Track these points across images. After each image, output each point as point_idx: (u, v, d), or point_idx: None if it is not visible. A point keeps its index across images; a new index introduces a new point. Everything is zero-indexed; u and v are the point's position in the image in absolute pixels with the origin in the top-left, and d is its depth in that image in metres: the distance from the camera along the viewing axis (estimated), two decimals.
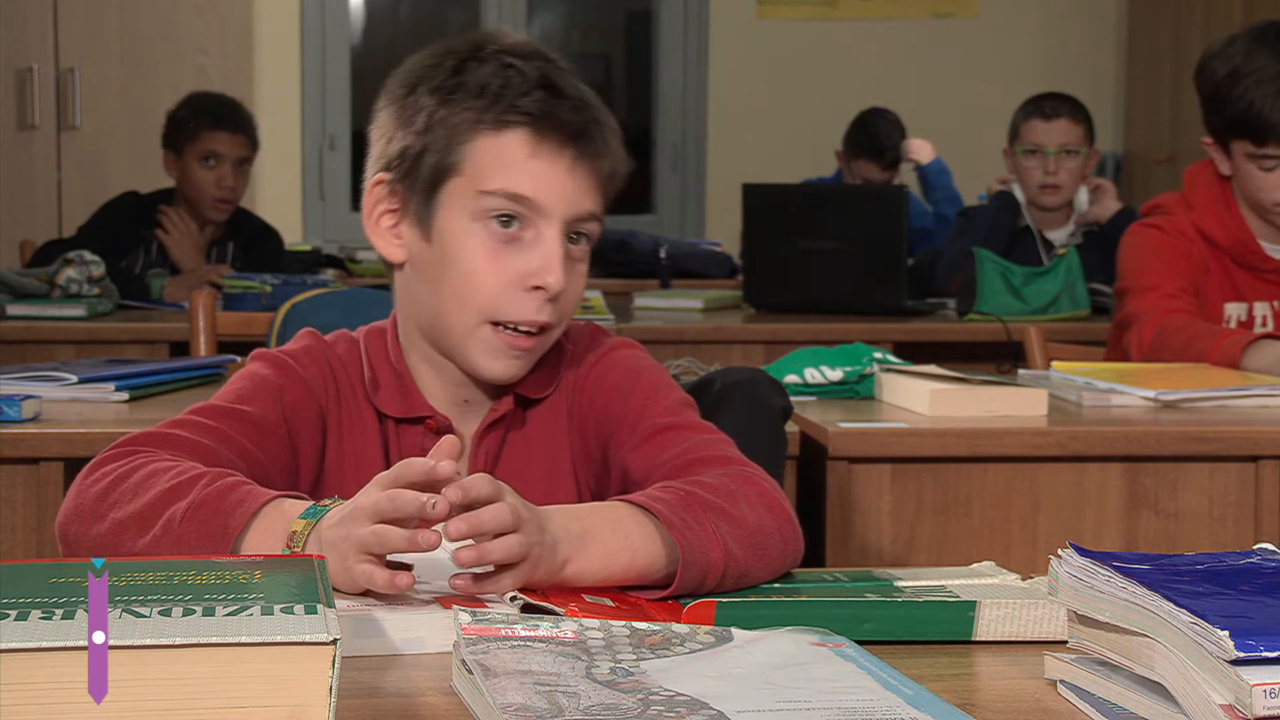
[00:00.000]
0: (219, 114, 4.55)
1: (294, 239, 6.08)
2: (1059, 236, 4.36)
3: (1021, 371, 2.89)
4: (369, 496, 1.33)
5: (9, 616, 0.96)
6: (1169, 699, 1.04)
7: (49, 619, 0.96)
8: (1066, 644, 1.17)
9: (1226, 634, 0.98)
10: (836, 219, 4.16)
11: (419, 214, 1.61)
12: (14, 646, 0.92)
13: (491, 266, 1.58)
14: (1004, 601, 1.33)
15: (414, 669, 1.22)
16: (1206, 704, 0.99)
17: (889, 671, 1.12)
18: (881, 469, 2.34)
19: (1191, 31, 6.34)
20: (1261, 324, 2.97)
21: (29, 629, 0.94)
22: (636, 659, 1.12)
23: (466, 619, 1.16)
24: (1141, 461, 2.37)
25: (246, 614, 0.99)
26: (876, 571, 1.49)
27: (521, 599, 1.32)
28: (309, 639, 0.95)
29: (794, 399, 2.29)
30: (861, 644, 1.20)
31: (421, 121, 1.59)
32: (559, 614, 1.28)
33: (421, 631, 1.26)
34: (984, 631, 1.33)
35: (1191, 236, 2.98)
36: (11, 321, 3.73)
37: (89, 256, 3.98)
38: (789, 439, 2.05)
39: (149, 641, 0.93)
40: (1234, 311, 2.98)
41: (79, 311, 3.80)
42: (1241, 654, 0.97)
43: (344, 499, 1.39)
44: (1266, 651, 0.97)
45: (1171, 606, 1.03)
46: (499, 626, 1.15)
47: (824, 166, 6.19)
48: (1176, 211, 3.02)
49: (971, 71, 7.01)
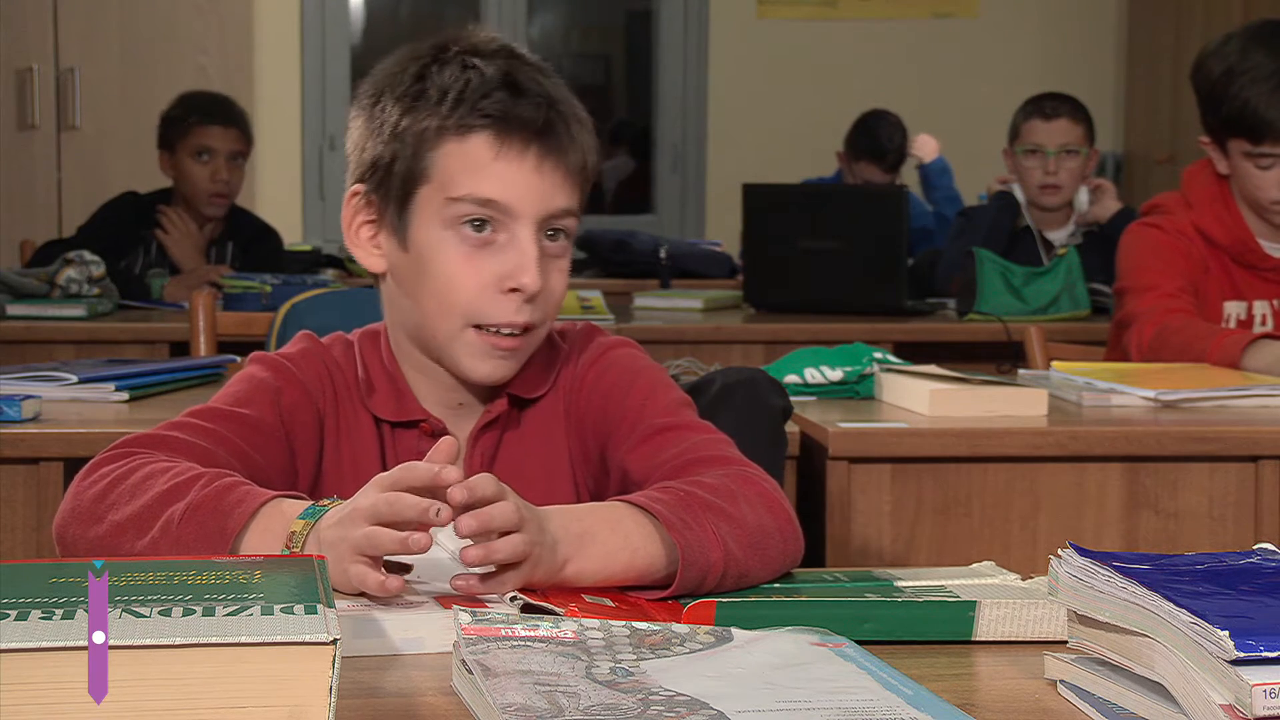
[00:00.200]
0: (210, 109, 4.56)
1: (294, 239, 6.07)
2: (1059, 236, 4.36)
3: (1021, 371, 2.89)
4: (367, 498, 1.33)
5: (9, 616, 0.96)
6: (1169, 699, 1.04)
7: (49, 619, 0.96)
8: (1066, 644, 1.17)
9: (1226, 634, 0.98)
10: (836, 219, 4.15)
11: (394, 224, 1.61)
12: (14, 646, 0.92)
13: (467, 271, 1.58)
14: (1004, 601, 1.33)
15: (414, 669, 1.22)
16: (1206, 704, 0.99)
17: (889, 671, 1.12)
18: (881, 469, 2.34)
19: (1191, 31, 6.34)
20: (1261, 323, 2.97)
21: (29, 629, 0.94)
22: (636, 659, 1.12)
23: (466, 619, 1.16)
24: (1141, 461, 2.37)
25: (246, 614, 0.99)
26: (876, 571, 1.49)
27: (521, 599, 1.32)
28: (309, 639, 0.95)
29: (794, 399, 2.29)
30: (861, 644, 1.20)
31: (389, 131, 1.59)
32: (559, 614, 1.28)
33: (421, 631, 1.26)
34: (984, 631, 1.33)
35: (1191, 236, 2.98)
36: (11, 321, 3.73)
37: (89, 256, 3.97)
38: (789, 439, 2.05)
39: (149, 641, 0.93)
40: (1233, 310, 2.98)
41: (79, 311, 3.80)
42: (1241, 654, 0.97)
43: (343, 499, 1.39)
44: (1266, 651, 0.97)
45: (1171, 606, 1.03)
46: (499, 626, 1.15)
47: (824, 166, 6.19)
48: (1176, 211, 3.02)
49: (971, 71, 7.01)
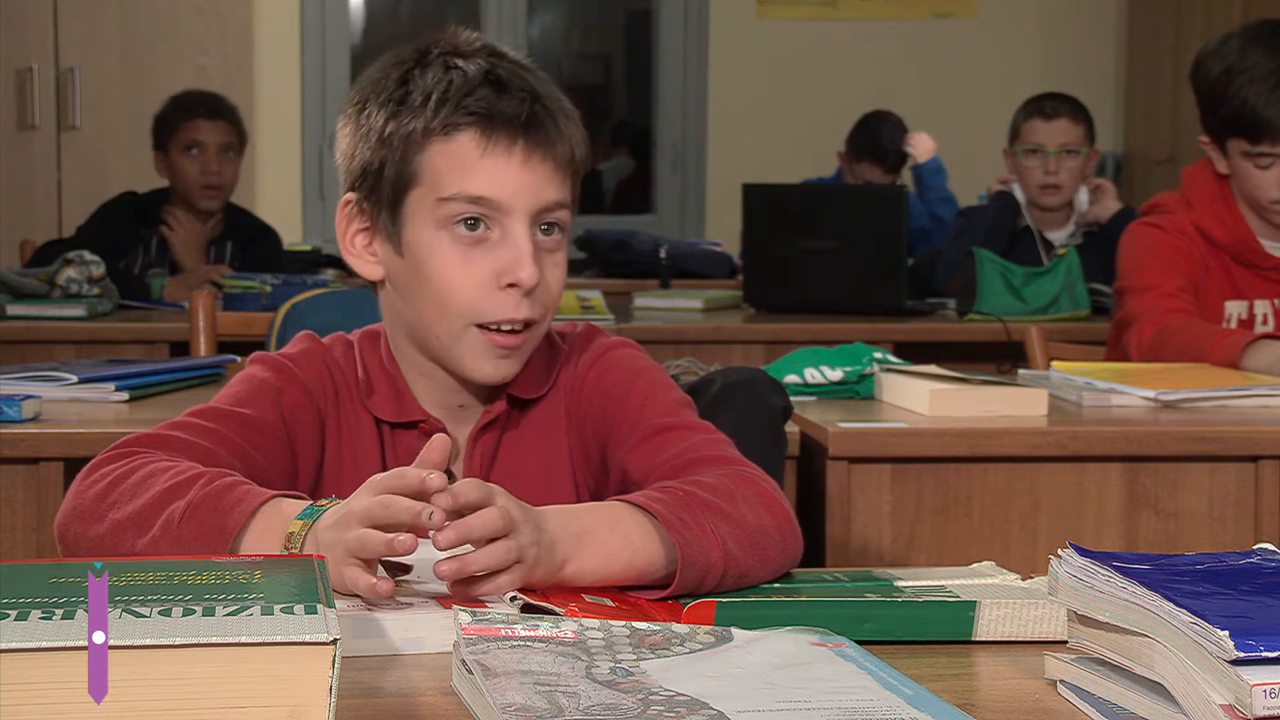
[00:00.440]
0: (196, 104, 4.60)
1: (294, 239, 6.07)
2: (1059, 236, 4.36)
3: (1021, 371, 2.89)
4: (361, 501, 1.33)
5: (9, 616, 0.96)
6: (1169, 699, 1.04)
7: (49, 619, 0.96)
8: (1066, 644, 1.17)
9: (1226, 634, 0.98)
10: (836, 219, 4.15)
11: (388, 229, 1.61)
12: (14, 646, 0.92)
13: (463, 271, 1.58)
14: (1004, 601, 1.33)
15: (414, 669, 1.22)
16: (1206, 704, 0.99)
17: (889, 671, 1.12)
18: (881, 469, 2.34)
19: (1191, 31, 6.34)
20: (1262, 322, 2.97)
21: (29, 629, 0.94)
22: (636, 659, 1.12)
23: (466, 619, 1.16)
24: (1141, 461, 2.37)
25: (246, 614, 0.99)
26: (876, 571, 1.49)
27: (521, 599, 1.32)
28: (309, 639, 0.95)
29: (794, 399, 2.29)
30: (861, 644, 1.20)
31: (376, 137, 1.59)
32: (559, 614, 1.28)
33: (421, 631, 1.26)
34: (984, 631, 1.33)
35: (1191, 235, 2.98)
36: (11, 321, 3.73)
37: (89, 256, 3.98)
38: (789, 439, 2.05)
39: (149, 641, 0.93)
40: (1234, 309, 2.98)
41: (79, 311, 3.80)
42: (1241, 654, 0.97)
43: (342, 499, 1.38)
44: (1266, 651, 0.97)
45: (1171, 606, 1.03)
46: (499, 626, 1.15)
47: (824, 166, 6.19)
48: (1176, 210, 3.02)
49: (971, 71, 7.01)
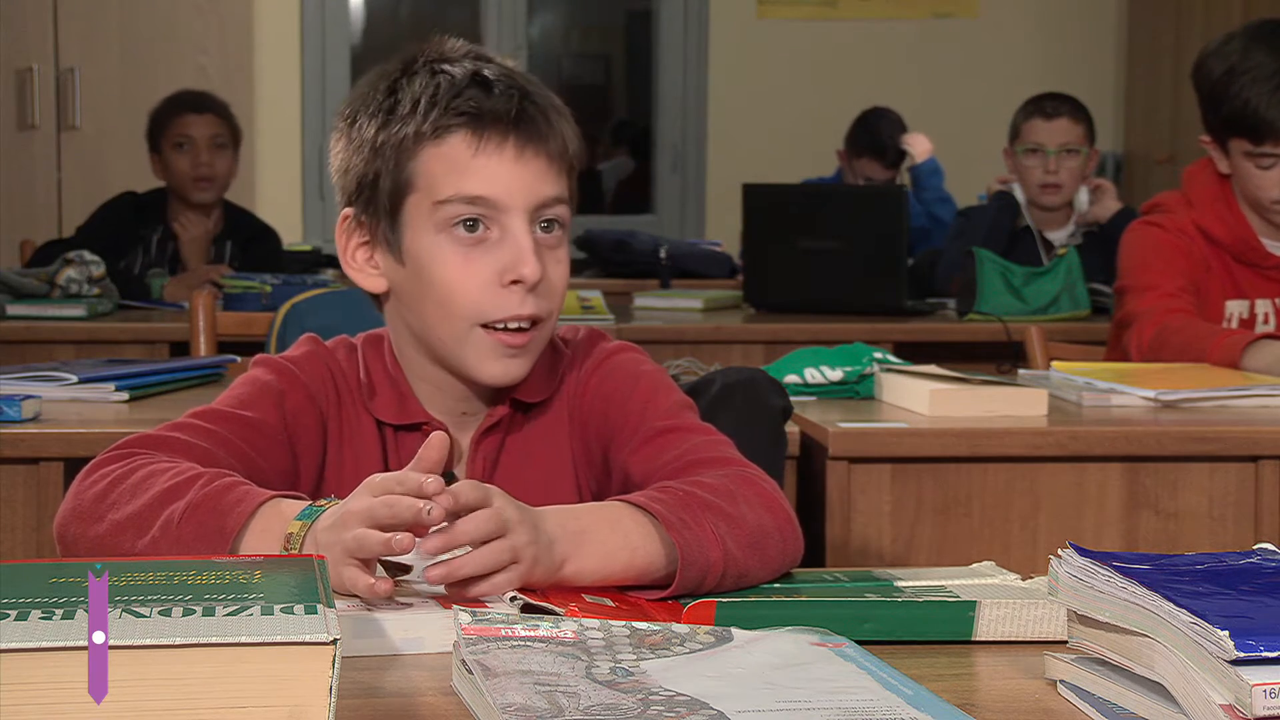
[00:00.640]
0: (182, 100, 4.63)
1: (294, 239, 6.07)
2: (1059, 236, 4.36)
3: (1021, 371, 2.89)
4: (360, 502, 1.32)
5: (9, 616, 0.96)
6: (1169, 699, 1.04)
7: (49, 619, 0.96)
8: (1066, 644, 1.17)
9: (1226, 634, 0.98)
10: (836, 219, 4.15)
11: (388, 239, 1.61)
12: (14, 646, 0.92)
13: (466, 272, 1.58)
14: (1004, 601, 1.33)
15: (414, 669, 1.22)
16: (1206, 704, 0.99)
17: (889, 671, 1.12)
18: (881, 469, 2.34)
19: (1191, 31, 6.33)
20: (1263, 321, 2.97)
21: (29, 629, 0.94)
22: (636, 659, 1.12)
23: (466, 619, 1.16)
24: (1141, 461, 2.37)
25: (246, 614, 0.99)
26: (876, 571, 1.49)
27: (521, 599, 1.32)
28: (309, 639, 0.95)
29: (794, 399, 2.29)
30: (861, 644, 1.20)
31: (368, 148, 1.60)
32: (559, 614, 1.28)
33: (421, 631, 1.26)
34: (984, 631, 1.33)
35: (1191, 234, 2.98)
36: (11, 321, 3.73)
37: (89, 256, 3.98)
38: (789, 439, 2.05)
39: (149, 641, 0.93)
40: (1235, 309, 2.98)
41: (79, 311, 3.80)
42: (1241, 654, 0.97)
43: (341, 500, 1.38)
44: (1266, 651, 0.97)
45: (1171, 606, 1.03)
46: (499, 626, 1.15)
47: (824, 166, 6.18)
48: (1176, 209, 3.02)
49: (971, 71, 7.01)
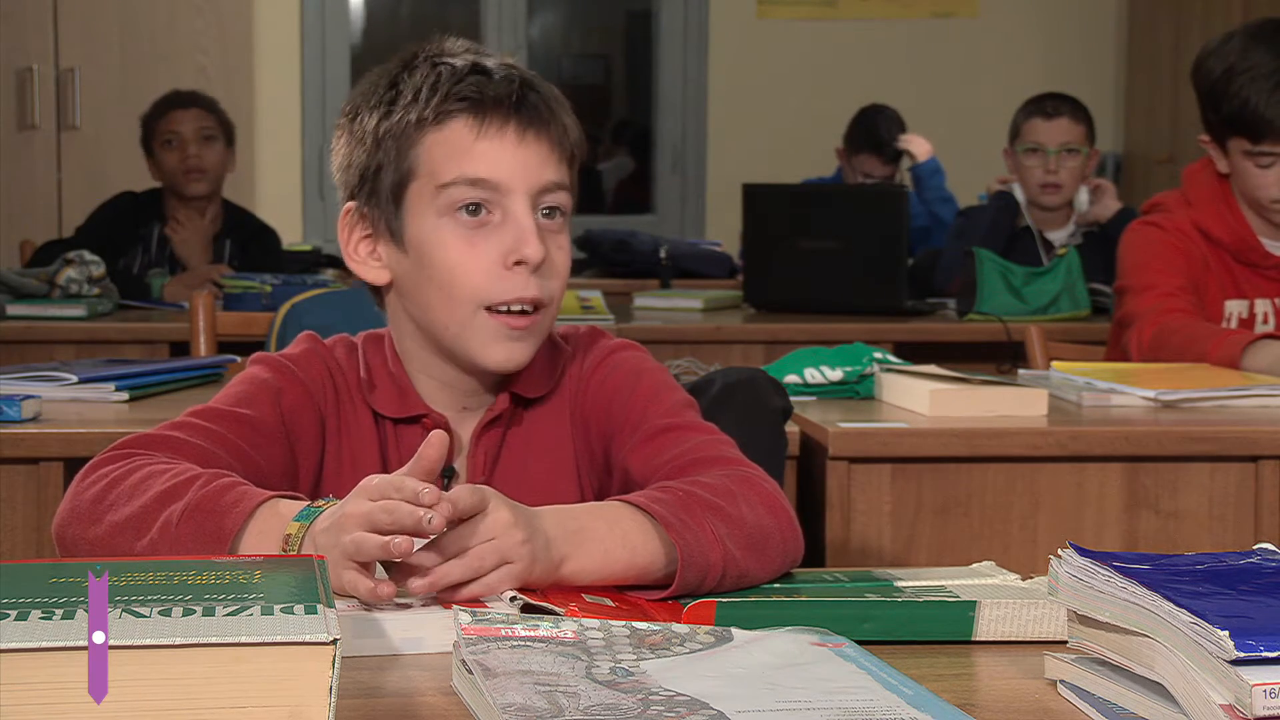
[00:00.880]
0: (170, 98, 4.65)
1: (294, 239, 6.08)
2: (1059, 236, 4.36)
3: (1021, 371, 2.89)
4: (358, 505, 1.32)
5: (9, 616, 0.96)
6: (1169, 699, 1.04)
7: (49, 619, 0.96)
8: (1066, 644, 1.17)
9: (1226, 634, 0.98)
10: (836, 219, 4.15)
11: (390, 229, 1.62)
12: (14, 646, 0.92)
13: (469, 255, 1.58)
14: (1004, 601, 1.33)
15: (414, 669, 1.22)
16: (1206, 704, 0.99)
17: (889, 671, 1.12)
18: (881, 469, 2.34)
19: (1191, 31, 6.33)
20: (1263, 321, 2.97)
21: (29, 629, 0.94)
22: (636, 659, 1.12)
23: (466, 619, 1.16)
24: (1141, 461, 2.37)
25: (246, 614, 0.99)
26: (876, 571, 1.49)
27: (521, 599, 1.32)
28: (309, 639, 0.95)
29: (794, 399, 2.29)
30: (861, 644, 1.20)
31: (370, 139, 1.61)
32: (559, 614, 1.28)
33: (421, 631, 1.26)
34: (984, 631, 1.33)
35: (1191, 234, 2.98)
36: (11, 321, 3.73)
37: (89, 256, 3.98)
38: (789, 439, 2.05)
39: (149, 641, 0.93)
40: (1235, 308, 2.98)
41: (79, 311, 3.80)
42: (1241, 654, 0.97)
43: (339, 499, 1.38)
44: (1266, 651, 0.97)
45: (1171, 606, 1.03)
46: (499, 626, 1.15)
47: (824, 166, 6.18)
48: (1176, 209, 3.02)
49: (971, 71, 7.01)
